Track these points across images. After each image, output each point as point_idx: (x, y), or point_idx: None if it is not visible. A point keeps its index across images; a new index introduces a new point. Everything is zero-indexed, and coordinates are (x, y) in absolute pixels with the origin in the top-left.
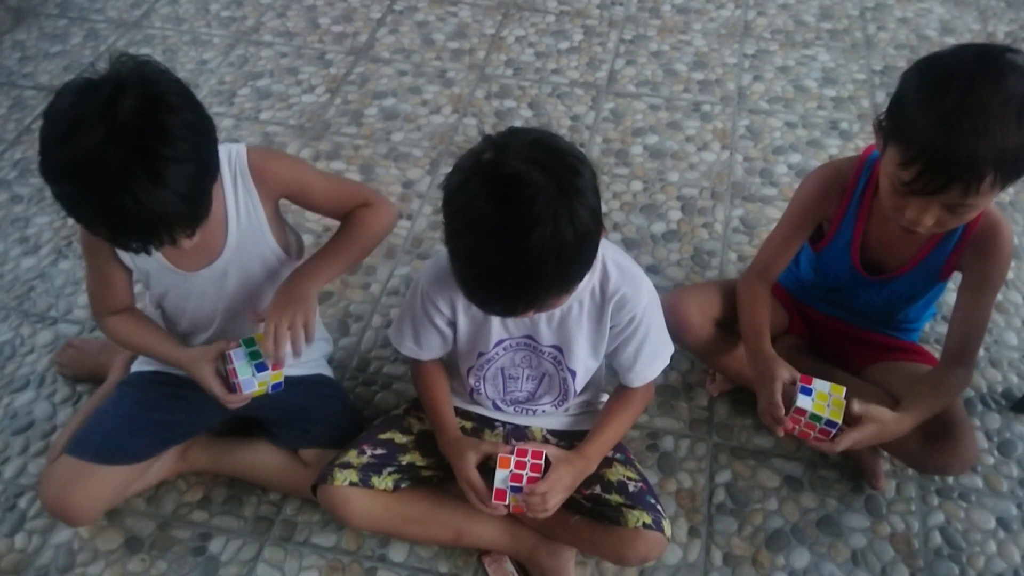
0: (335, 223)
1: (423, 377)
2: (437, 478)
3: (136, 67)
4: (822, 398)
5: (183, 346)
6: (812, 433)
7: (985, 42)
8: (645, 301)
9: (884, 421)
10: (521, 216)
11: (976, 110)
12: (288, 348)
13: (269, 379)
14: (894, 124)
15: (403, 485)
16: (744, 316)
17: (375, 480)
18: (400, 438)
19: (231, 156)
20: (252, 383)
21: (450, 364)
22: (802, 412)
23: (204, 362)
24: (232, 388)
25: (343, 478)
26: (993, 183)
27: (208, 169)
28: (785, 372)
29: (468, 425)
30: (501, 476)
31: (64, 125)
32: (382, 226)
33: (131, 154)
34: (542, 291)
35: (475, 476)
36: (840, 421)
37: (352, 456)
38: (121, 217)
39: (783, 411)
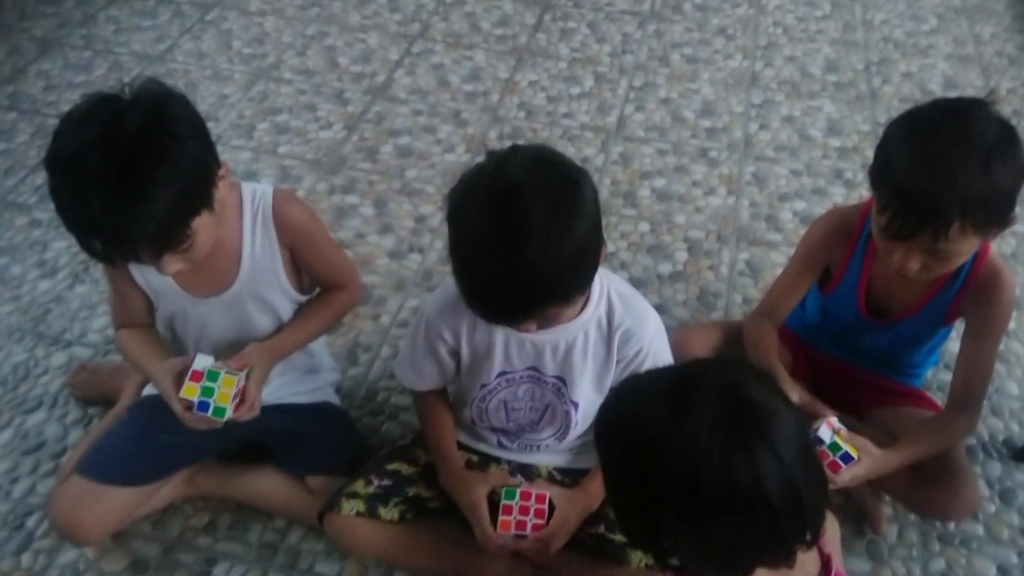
0: None
1: (426, 409)
2: (443, 510)
3: (158, 89)
4: (836, 430)
5: (160, 361)
6: (823, 463)
7: (964, 96)
8: (651, 333)
9: (871, 454)
10: (515, 228)
11: (940, 157)
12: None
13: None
14: (875, 171)
15: (408, 516)
16: (751, 353)
17: (382, 511)
18: (407, 469)
19: (256, 195)
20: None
21: (455, 396)
22: (819, 442)
23: (167, 375)
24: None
25: (350, 507)
26: (963, 229)
27: (191, 202)
28: (795, 396)
29: (474, 459)
30: (504, 523)
31: (69, 123)
32: (347, 311)
33: (113, 160)
34: (538, 303)
35: (484, 514)
36: (856, 455)
37: (360, 486)
38: (86, 218)
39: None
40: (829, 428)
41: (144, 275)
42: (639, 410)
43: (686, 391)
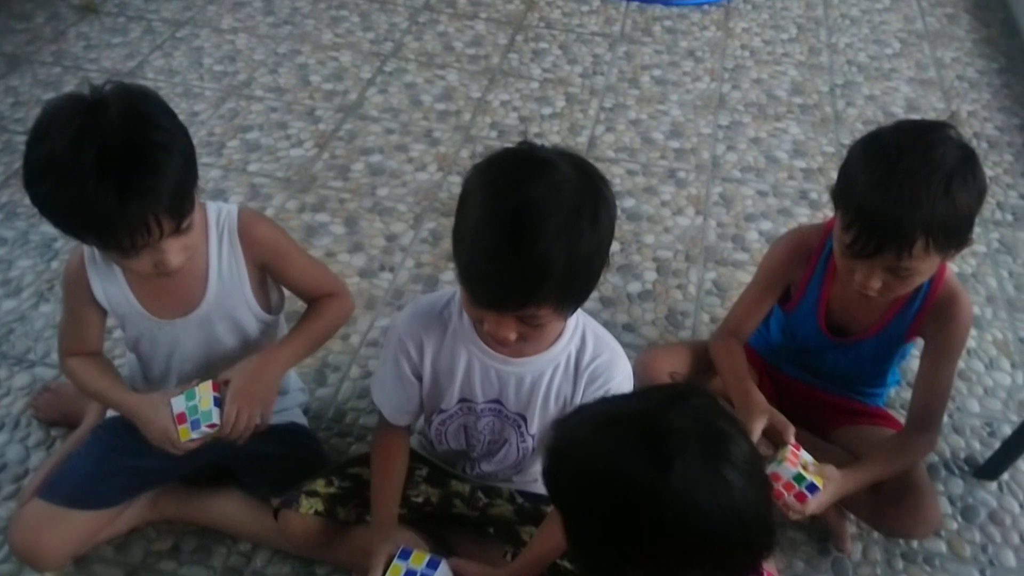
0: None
1: (382, 449)
2: (403, 518)
3: (118, 82)
4: (803, 462)
5: (135, 392)
6: (789, 495)
7: (926, 119)
8: (619, 377)
9: (834, 479)
10: (545, 198)
11: (904, 178)
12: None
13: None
14: (838, 190)
15: (367, 518)
16: (722, 366)
17: (340, 511)
18: (367, 475)
19: (220, 213)
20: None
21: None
22: (785, 473)
23: (162, 406)
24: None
25: (309, 506)
26: (927, 248)
27: (192, 165)
28: (761, 424)
29: (437, 472)
30: None
31: (43, 126)
32: (343, 319)
33: (110, 145)
34: (546, 287)
35: (377, 573)
36: (821, 485)
37: (320, 485)
38: (102, 210)
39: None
40: (793, 461)
41: (109, 298)
42: (613, 467)
43: (660, 437)
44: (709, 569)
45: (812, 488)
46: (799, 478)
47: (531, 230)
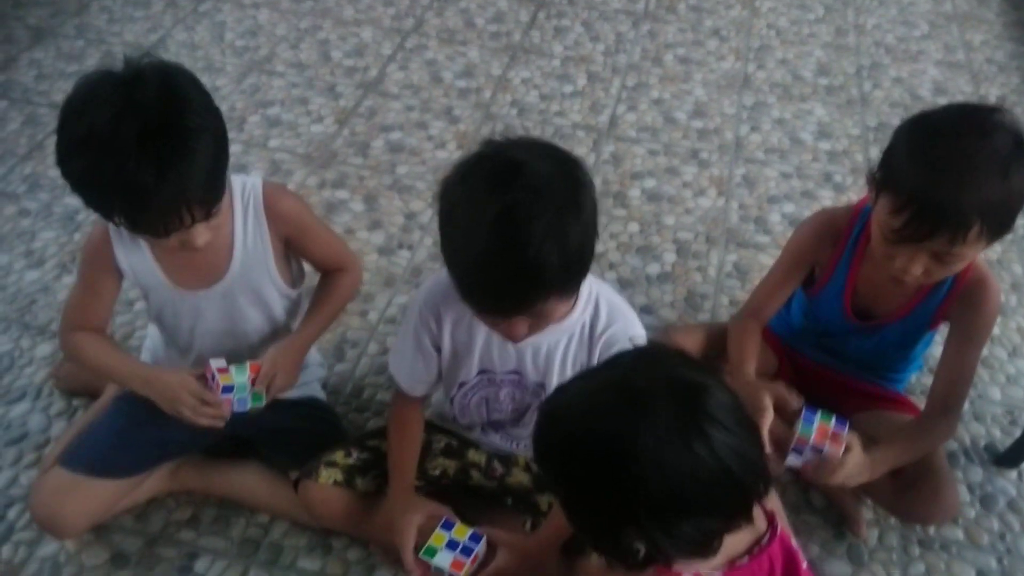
0: None
1: (398, 422)
2: (421, 490)
3: (151, 58)
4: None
5: (140, 365)
6: (826, 446)
7: (974, 102)
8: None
9: (857, 449)
10: (526, 202)
11: (963, 161)
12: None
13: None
14: (885, 174)
15: (386, 490)
16: (732, 348)
17: (358, 481)
18: (386, 447)
19: (245, 187)
20: (245, 402)
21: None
22: (809, 421)
23: (187, 371)
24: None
25: (328, 476)
26: (980, 233)
27: (224, 149)
28: (769, 399)
29: (454, 442)
30: (430, 551)
31: (80, 102)
32: (355, 290)
33: (149, 125)
34: (542, 287)
35: (409, 541)
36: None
37: (339, 456)
38: (140, 191)
39: (767, 449)
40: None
41: (134, 269)
42: (590, 425)
43: (631, 394)
44: (703, 516)
45: (841, 422)
46: (825, 416)
47: (519, 236)
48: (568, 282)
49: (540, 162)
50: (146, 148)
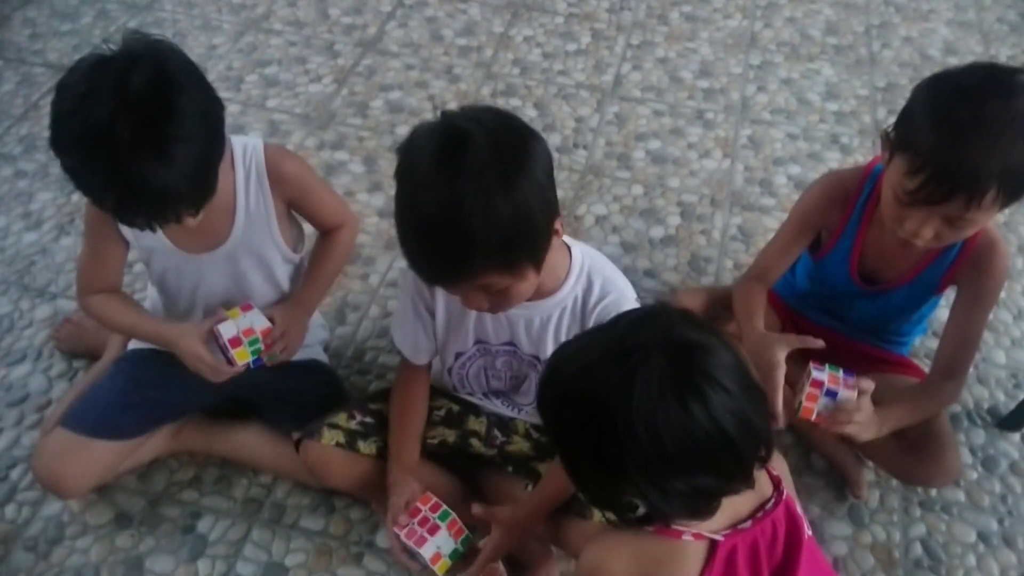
0: None
1: (403, 393)
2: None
3: (149, 44)
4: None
5: (170, 322)
6: (841, 390)
7: (997, 63)
8: None
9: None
10: (453, 168)
11: (984, 124)
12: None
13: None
14: (902, 134)
15: (386, 453)
16: (738, 307)
17: (360, 445)
18: (388, 411)
19: (247, 149)
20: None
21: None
22: (819, 375)
23: (195, 335)
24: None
25: (331, 437)
26: (995, 198)
27: (215, 149)
28: (782, 352)
29: (455, 408)
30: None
31: (75, 98)
32: (352, 245)
33: (140, 128)
34: (471, 258)
35: (397, 512)
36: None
37: (342, 419)
38: (128, 191)
39: (780, 407)
40: (819, 367)
41: (135, 233)
42: (585, 381)
43: (626, 351)
44: (697, 475)
45: (849, 373)
46: (834, 367)
47: (448, 210)
48: (510, 255)
49: (484, 136)
50: (140, 149)
